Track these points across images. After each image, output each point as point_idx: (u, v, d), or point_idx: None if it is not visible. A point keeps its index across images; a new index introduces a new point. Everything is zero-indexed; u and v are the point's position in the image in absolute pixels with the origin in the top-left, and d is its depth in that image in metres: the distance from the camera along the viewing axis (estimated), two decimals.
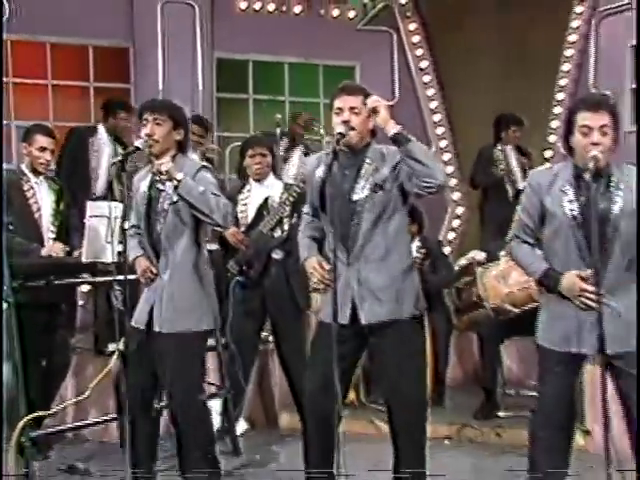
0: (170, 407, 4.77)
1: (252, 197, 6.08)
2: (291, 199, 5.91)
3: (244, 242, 5.97)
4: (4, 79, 8.41)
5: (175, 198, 4.54)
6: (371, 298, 4.20)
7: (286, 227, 5.95)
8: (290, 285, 5.83)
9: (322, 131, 7.92)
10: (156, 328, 4.61)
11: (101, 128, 7.47)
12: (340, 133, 4.12)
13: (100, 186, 7.38)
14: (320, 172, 4.30)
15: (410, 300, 4.28)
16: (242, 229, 6.01)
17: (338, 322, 3.99)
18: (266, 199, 6.04)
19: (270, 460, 5.84)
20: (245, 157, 6.11)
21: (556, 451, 4.10)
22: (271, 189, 6.08)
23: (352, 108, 4.19)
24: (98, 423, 5.84)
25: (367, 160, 4.25)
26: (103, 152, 7.42)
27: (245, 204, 6.07)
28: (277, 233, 5.98)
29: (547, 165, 8.66)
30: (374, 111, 4.11)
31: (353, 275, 4.20)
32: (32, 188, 5.75)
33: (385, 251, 4.22)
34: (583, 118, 3.92)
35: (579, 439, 4.98)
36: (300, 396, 5.63)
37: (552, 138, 9.28)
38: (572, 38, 9.29)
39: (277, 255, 5.96)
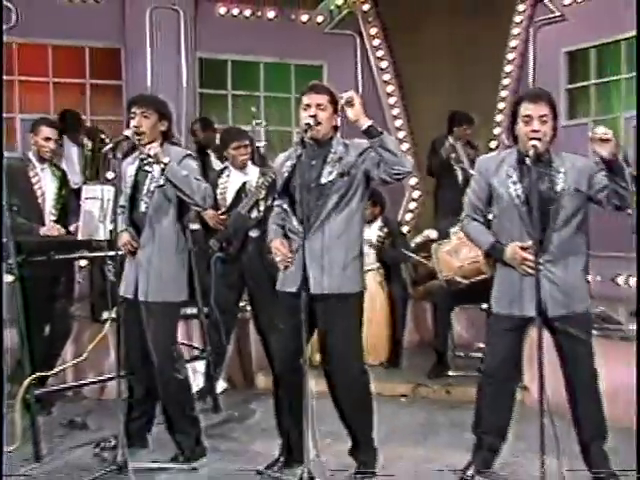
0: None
1: (231, 182, 6.09)
2: (266, 184, 5.92)
3: (223, 222, 5.99)
4: (11, 77, 8.48)
5: (162, 181, 4.55)
6: (322, 271, 4.21)
7: (262, 208, 5.97)
8: (265, 260, 5.80)
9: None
10: (142, 297, 4.62)
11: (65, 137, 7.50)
12: (307, 124, 4.16)
13: (75, 180, 7.37)
14: (288, 164, 4.35)
15: (356, 276, 4.30)
16: (222, 210, 6.03)
17: (290, 290, 4.22)
18: (244, 183, 6.06)
19: (247, 416, 5.84)
20: (228, 148, 6.11)
21: (500, 405, 4.20)
22: (249, 174, 6.10)
23: (319, 105, 4.23)
24: (95, 382, 5.85)
25: (332, 150, 4.29)
26: (70, 152, 7.44)
27: (224, 187, 6.08)
28: (254, 214, 6.00)
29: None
30: (350, 105, 4.11)
31: (309, 248, 4.18)
32: (37, 175, 5.72)
33: (341, 230, 4.24)
34: (525, 109, 3.99)
35: (518, 394, 5.04)
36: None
37: (497, 130, 9.35)
38: (513, 43, 9.31)
39: (254, 234, 5.98)
